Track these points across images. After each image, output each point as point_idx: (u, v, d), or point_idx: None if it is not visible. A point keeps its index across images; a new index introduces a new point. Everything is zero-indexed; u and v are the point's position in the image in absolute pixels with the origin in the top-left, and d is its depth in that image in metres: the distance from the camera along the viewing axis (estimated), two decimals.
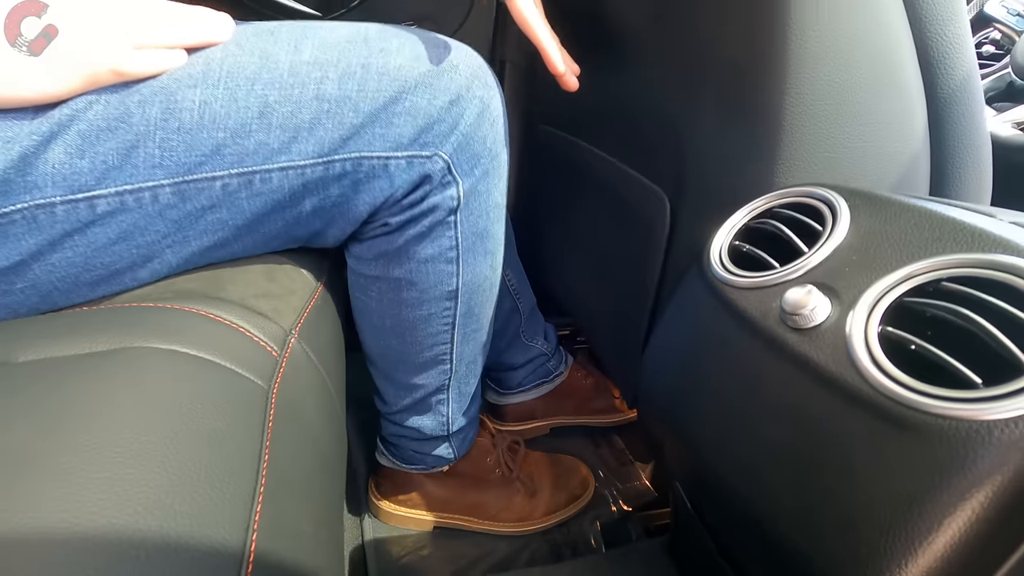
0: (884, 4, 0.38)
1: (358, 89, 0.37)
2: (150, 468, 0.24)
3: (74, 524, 0.21)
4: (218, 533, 0.23)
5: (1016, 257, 0.22)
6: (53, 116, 0.31)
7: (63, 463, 0.23)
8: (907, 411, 0.22)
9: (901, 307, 0.25)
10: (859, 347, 0.24)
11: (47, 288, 0.35)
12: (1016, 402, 0.20)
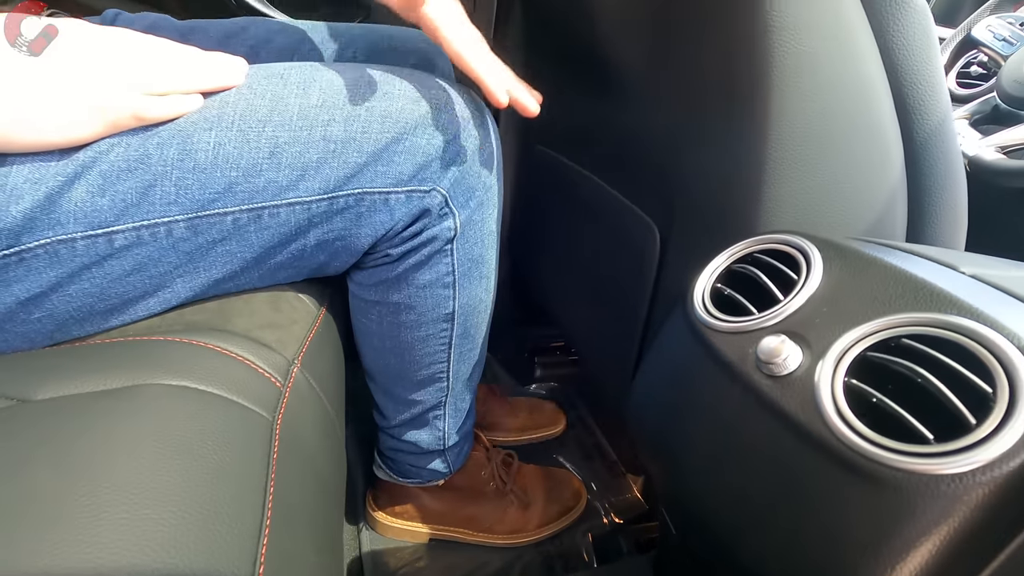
0: (861, 55, 0.39)
1: (362, 131, 0.38)
2: (164, 507, 0.26)
3: (97, 563, 0.22)
4: (228, 568, 0.25)
5: (966, 319, 0.24)
6: (77, 158, 0.33)
7: (84, 504, 0.25)
8: (865, 462, 0.24)
9: (866, 360, 0.27)
10: (826, 398, 0.26)
11: (64, 318, 0.37)
12: (962, 459, 0.22)
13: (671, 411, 0.36)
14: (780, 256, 0.34)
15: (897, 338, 0.26)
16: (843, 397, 0.26)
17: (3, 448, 0.28)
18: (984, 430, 0.22)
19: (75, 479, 0.26)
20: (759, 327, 0.31)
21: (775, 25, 0.37)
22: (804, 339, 0.29)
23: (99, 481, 0.26)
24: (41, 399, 0.31)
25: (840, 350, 0.27)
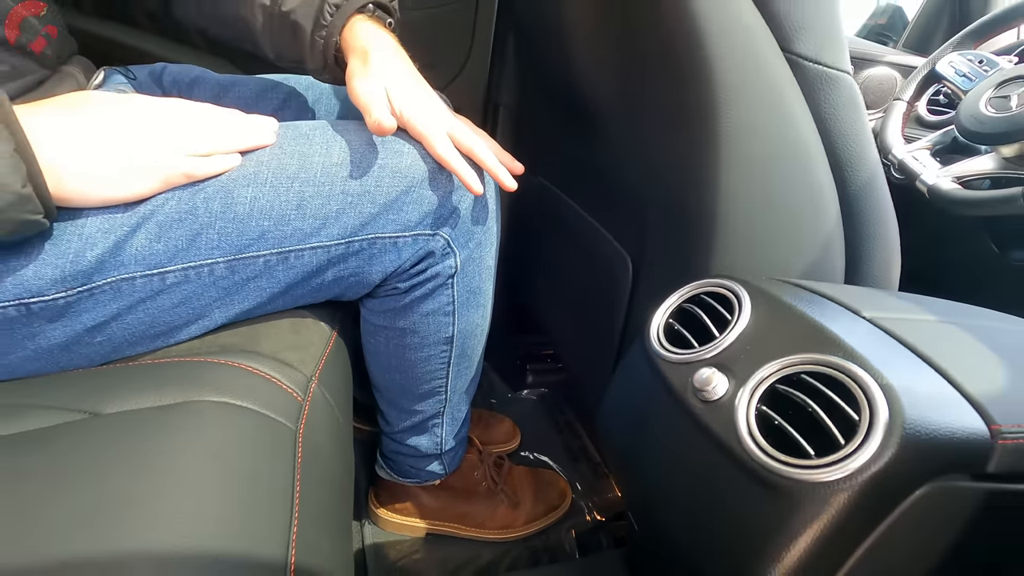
0: (798, 124, 0.46)
1: (375, 185, 0.45)
2: (215, 504, 0.33)
3: (164, 549, 0.29)
4: (267, 552, 0.32)
5: (845, 360, 0.31)
6: (138, 211, 0.40)
7: (151, 502, 0.32)
8: (766, 472, 0.31)
9: (775, 390, 0.34)
10: (741, 421, 0.33)
11: (119, 341, 0.44)
12: (832, 470, 0.29)
13: (631, 427, 0.43)
14: (720, 298, 0.41)
15: (797, 374, 0.33)
16: (755, 420, 0.33)
17: (84, 455, 0.35)
18: (849, 448, 0.29)
19: (142, 481, 0.33)
20: (698, 359, 0.38)
21: (723, 101, 0.44)
22: (731, 370, 0.36)
23: (162, 483, 0.33)
24: (109, 413, 0.38)
25: (756, 382, 0.34)
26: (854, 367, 0.31)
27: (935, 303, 0.45)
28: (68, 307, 0.40)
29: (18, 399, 0.40)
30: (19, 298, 0.38)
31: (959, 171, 0.91)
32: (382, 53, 0.48)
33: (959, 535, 0.31)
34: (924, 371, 0.33)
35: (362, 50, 0.48)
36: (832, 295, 0.40)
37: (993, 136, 0.87)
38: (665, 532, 0.42)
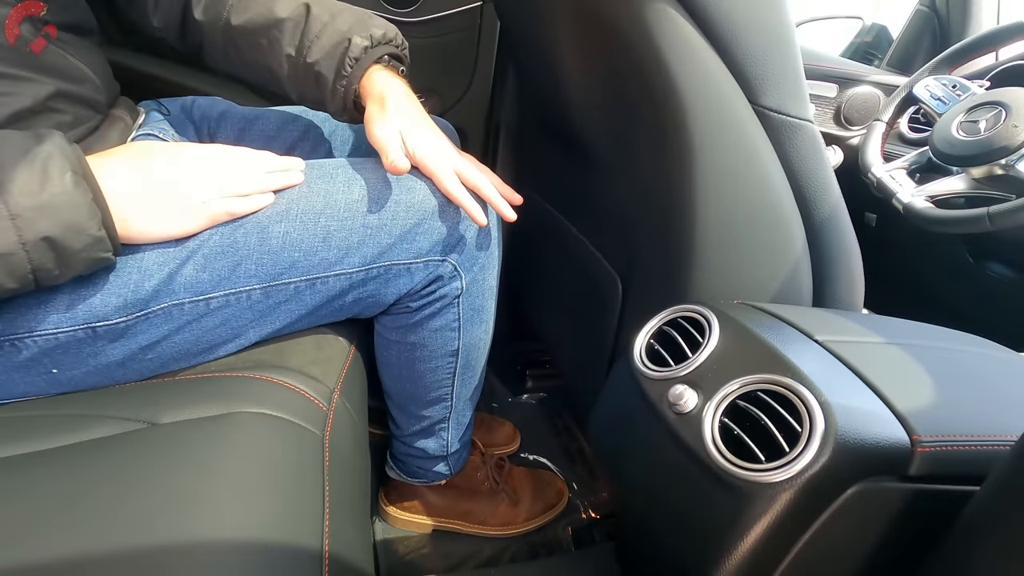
0: (766, 166, 0.52)
1: (391, 218, 0.51)
2: (260, 501, 0.39)
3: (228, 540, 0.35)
4: (307, 541, 0.38)
5: (792, 380, 0.37)
6: (188, 245, 0.46)
7: (206, 500, 0.37)
8: (725, 475, 0.37)
9: (736, 404, 0.40)
10: (707, 431, 0.39)
11: (167, 358, 0.50)
12: (777, 472, 0.35)
13: (617, 434, 0.49)
14: (693, 321, 0.47)
15: (754, 391, 0.39)
16: (718, 431, 0.39)
17: (148, 461, 0.41)
18: (792, 454, 0.35)
19: (201, 483, 0.39)
20: (672, 376, 0.44)
21: (699, 147, 0.50)
22: (700, 387, 0.42)
23: (216, 485, 0.39)
24: (165, 423, 0.44)
25: (720, 397, 0.40)
26: (799, 387, 0.37)
27: (885, 324, 0.51)
28: (127, 329, 0.46)
29: (82, 410, 0.46)
30: (87, 322, 0.44)
31: (933, 190, 0.97)
32: (397, 99, 0.54)
33: (886, 528, 0.37)
34: (859, 389, 0.39)
35: (379, 96, 0.54)
36: (791, 319, 0.46)
37: (963, 158, 0.92)
38: (646, 525, 0.48)
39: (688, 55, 0.47)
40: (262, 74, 0.60)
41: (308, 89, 0.58)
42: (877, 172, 1.06)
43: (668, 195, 0.54)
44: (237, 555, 0.35)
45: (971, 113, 0.96)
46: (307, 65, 0.56)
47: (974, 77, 1.11)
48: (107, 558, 0.34)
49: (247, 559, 0.35)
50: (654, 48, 0.47)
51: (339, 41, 0.55)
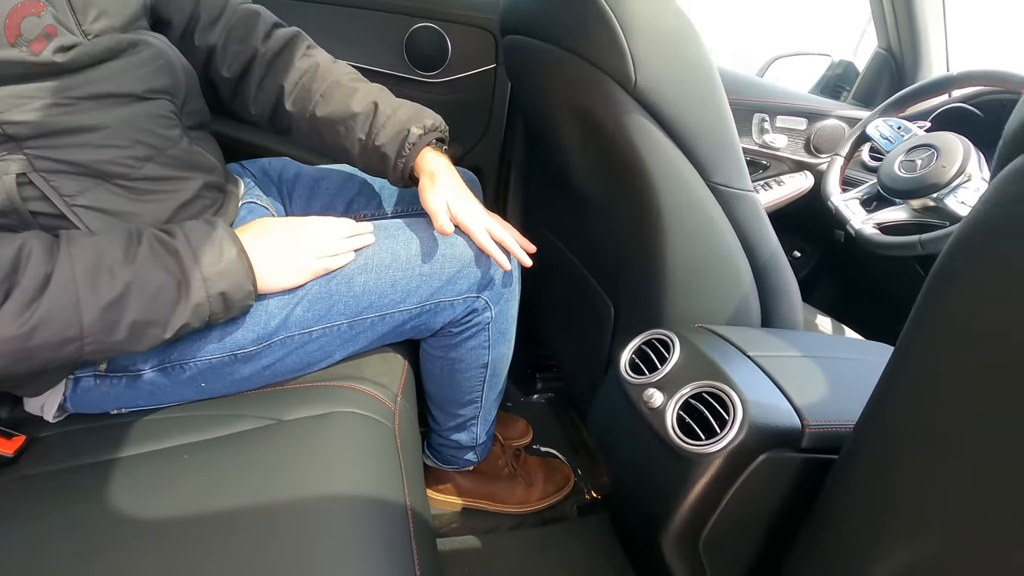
0: (717, 225, 0.70)
1: (440, 267, 0.69)
2: (367, 477, 0.57)
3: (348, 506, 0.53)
4: (395, 499, 0.56)
5: (725, 384, 0.55)
6: (298, 293, 0.64)
7: (333, 478, 0.55)
8: (680, 450, 0.55)
9: (687, 401, 0.58)
10: (668, 420, 0.57)
11: (279, 373, 0.68)
12: (712, 446, 0.53)
13: (609, 423, 0.67)
14: (663, 342, 0.65)
15: (700, 392, 0.57)
16: (675, 420, 0.57)
17: (282, 447, 0.59)
18: (721, 435, 0.53)
19: (317, 462, 0.57)
20: (647, 382, 0.62)
21: (666, 211, 0.68)
22: (665, 389, 0.60)
23: (332, 464, 0.57)
24: (287, 420, 0.63)
25: (678, 397, 0.58)
26: (728, 389, 0.55)
27: (803, 339, 0.69)
28: (256, 355, 0.64)
29: (224, 411, 0.65)
30: (231, 351, 0.63)
31: (879, 218, 1.15)
32: (443, 175, 0.72)
33: (786, 483, 0.55)
34: (770, 390, 0.56)
35: (430, 172, 0.72)
36: (732, 339, 0.64)
37: (903, 192, 1.10)
38: (628, 489, 0.66)
39: (655, 148, 0.65)
40: (337, 151, 0.77)
41: (374, 164, 0.75)
42: (835, 201, 1.25)
43: (645, 246, 0.72)
44: (351, 508, 0.53)
45: (910, 153, 1.13)
46: (375, 147, 0.73)
47: (918, 118, 1.28)
48: (259, 509, 0.52)
49: (359, 511, 0.53)
50: (631, 143, 0.65)
51: (400, 130, 0.72)
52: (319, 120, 0.75)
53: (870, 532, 0.44)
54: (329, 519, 0.51)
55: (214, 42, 0.73)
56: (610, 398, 0.68)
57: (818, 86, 1.71)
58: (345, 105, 0.74)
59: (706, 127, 0.66)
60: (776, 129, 1.48)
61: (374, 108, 0.73)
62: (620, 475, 0.70)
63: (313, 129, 0.77)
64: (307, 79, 0.75)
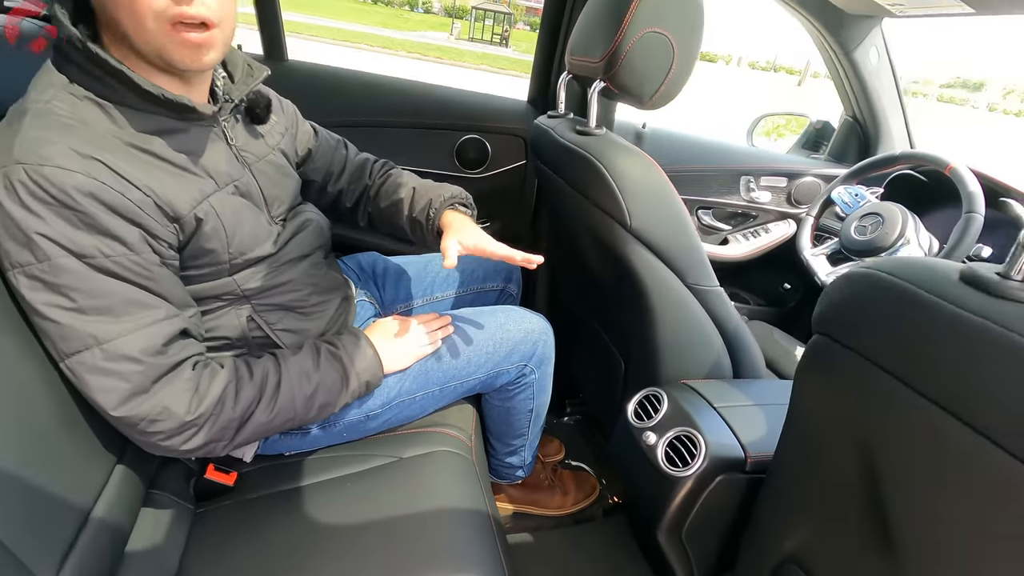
0: (694, 310, 0.99)
1: (499, 346, 1.00)
2: (464, 497, 0.88)
3: (454, 519, 0.84)
4: (484, 510, 0.87)
5: (693, 430, 0.85)
6: (405, 373, 0.95)
7: (443, 499, 0.86)
8: (666, 474, 0.84)
9: (671, 440, 0.87)
10: (659, 454, 0.86)
11: (392, 423, 0.99)
12: (686, 472, 0.82)
13: (621, 455, 0.97)
14: (656, 396, 0.95)
15: (679, 434, 0.87)
16: (663, 453, 0.87)
17: (407, 479, 0.90)
18: (692, 464, 0.82)
19: (430, 486, 0.88)
20: (645, 426, 0.92)
21: (656, 303, 0.97)
22: (657, 431, 0.90)
23: (440, 490, 0.88)
24: (406, 457, 0.94)
25: (666, 437, 0.88)
26: (697, 433, 0.84)
27: (759, 389, 0.97)
28: (380, 413, 0.96)
29: (360, 451, 0.96)
30: (365, 413, 0.94)
31: (841, 272, 1.42)
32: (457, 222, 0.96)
33: (736, 496, 0.84)
34: (726, 431, 0.85)
35: (448, 224, 0.99)
36: (703, 393, 0.93)
37: (858, 252, 1.37)
38: (635, 500, 0.96)
39: (646, 263, 0.95)
40: (397, 230, 1.06)
41: (417, 233, 1.02)
42: (806, 255, 1.52)
43: (643, 324, 1.01)
44: (459, 516, 0.84)
45: (863, 219, 1.41)
46: (414, 219, 1.02)
47: (874, 182, 1.55)
48: (402, 519, 0.82)
49: (464, 518, 0.84)
50: (628, 260, 0.95)
51: (427, 202, 1.01)
52: (382, 211, 1.06)
53: (777, 522, 0.73)
54: (447, 524, 0.82)
55: (341, 188, 1.05)
56: (621, 436, 0.98)
57: (800, 140, 1.97)
58: (396, 196, 1.04)
59: (680, 248, 0.95)
60: (760, 187, 1.76)
61: (412, 192, 1.04)
62: (630, 488, 0.99)
63: (382, 218, 1.07)
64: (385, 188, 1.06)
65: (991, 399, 0.39)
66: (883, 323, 0.48)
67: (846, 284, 0.54)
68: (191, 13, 0.62)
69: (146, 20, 0.61)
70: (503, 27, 24.52)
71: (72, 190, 0.59)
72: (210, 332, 0.80)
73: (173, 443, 0.70)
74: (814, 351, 0.59)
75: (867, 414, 0.52)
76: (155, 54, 0.64)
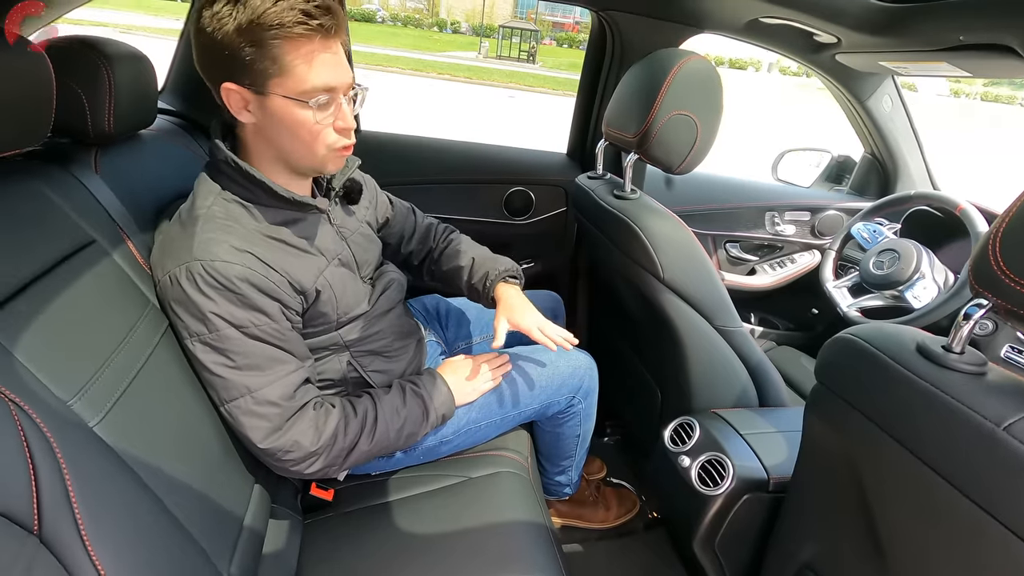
0: (720, 346, 1.13)
1: (551, 381, 1.16)
2: (524, 512, 1.04)
3: (513, 521, 1.00)
4: (543, 523, 1.03)
5: (722, 454, 0.99)
6: (473, 404, 1.12)
7: (506, 515, 1.03)
8: (699, 492, 0.98)
9: (703, 463, 1.01)
10: (693, 474, 1.01)
11: (460, 447, 1.16)
12: (718, 491, 0.96)
13: (659, 476, 1.12)
14: (690, 424, 1.09)
15: (710, 459, 1.01)
16: (696, 474, 1.01)
17: (474, 497, 1.06)
18: (722, 484, 0.96)
19: (497, 503, 1.04)
20: (681, 451, 1.06)
21: (687, 340, 1.12)
22: (691, 455, 1.04)
23: (503, 503, 1.04)
24: (474, 477, 1.10)
25: (699, 460, 1.02)
26: (725, 457, 0.98)
27: (781, 417, 1.11)
28: (452, 439, 1.13)
29: (433, 472, 1.13)
30: (439, 439, 1.11)
31: (862, 304, 1.54)
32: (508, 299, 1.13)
33: (761, 513, 0.97)
34: (751, 456, 0.99)
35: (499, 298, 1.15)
36: (731, 421, 1.07)
37: (877, 285, 1.49)
38: (673, 514, 1.10)
39: (677, 309, 1.10)
40: (455, 290, 1.25)
41: (473, 296, 1.21)
42: (828, 287, 1.64)
43: (675, 360, 1.16)
44: (524, 530, 0.99)
45: (880, 255, 1.52)
46: (471, 283, 1.20)
47: (893, 218, 1.66)
48: (476, 531, 0.99)
49: (528, 532, 0.99)
50: (661, 306, 1.10)
51: (485, 273, 1.18)
52: (445, 273, 1.23)
53: (795, 535, 0.87)
54: (513, 535, 0.98)
55: (411, 249, 1.24)
56: (659, 458, 1.13)
57: (823, 174, 2.08)
58: (458, 263, 1.21)
59: (707, 294, 1.10)
60: (785, 222, 1.88)
61: (471, 262, 1.20)
62: (668, 505, 1.14)
63: (444, 279, 1.25)
64: (448, 253, 1.23)
65: (938, 445, 0.53)
66: (859, 379, 0.62)
67: (835, 346, 0.68)
68: (351, 143, 0.84)
69: (319, 150, 0.83)
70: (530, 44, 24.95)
71: (234, 278, 0.79)
72: (319, 375, 0.99)
73: (300, 468, 0.88)
74: (815, 396, 0.73)
75: (854, 448, 0.66)
76: (310, 167, 0.86)
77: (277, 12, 0.71)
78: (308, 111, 0.79)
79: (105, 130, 0.87)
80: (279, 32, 0.73)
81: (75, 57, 0.84)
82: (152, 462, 0.68)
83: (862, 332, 0.65)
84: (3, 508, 0.48)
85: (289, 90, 0.77)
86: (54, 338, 0.65)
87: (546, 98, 14.63)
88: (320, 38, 0.76)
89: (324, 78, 0.77)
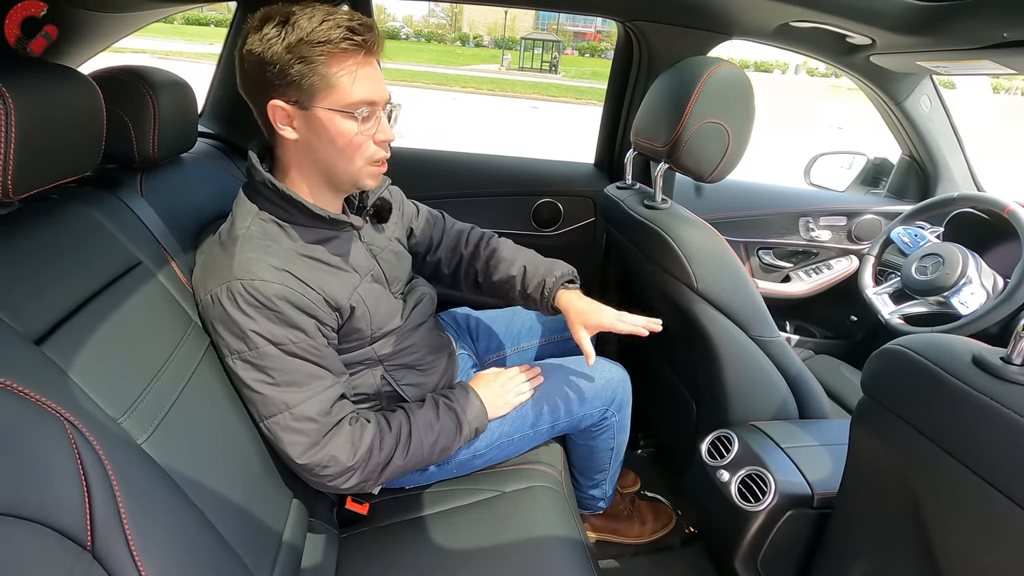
0: (758, 358, 1.11)
1: (583, 393, 1.15)
2: (558, 526, 1.02)
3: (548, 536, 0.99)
4: (577, 537, 1.01)
5: (763, 468, 0.96)
6: (505, 417, 1.11)
7: (539, 529, 1.01)
8: (740, 508, 0.95)
9: (743, 478, 0.99)
10: (732, 489, 0.98)
11: (494, 461, 1.16)
12: (759, 507, 0.93)
13: (697, 490, 1.09)
14: (727, 437, 1.07)
15: (750, 473, 0.98)
16: (736, 489, 0.98)
17: (509, 511, 1.06)
18: (764, 500, 0.94)
19: (531, 517, 1.03)
20: (719, 465, 1.04)
21: (723, 352, 1.10)
22: (730, 470, 1.01)
23: (536, 517, 1.03)
24: (507, 491, 1.10)
25: (738, 475, 0.99)
26: (767, 472, 0.96)
27: (823, 430, 1.07)
28: (485, 453, 1.12)
29: (466, 486, 1.13)
30: (472, 452, 1.11)
31: (904, 311, 1.49)
32: (576, 307, 1.14)
33: (806, 529, 0.94)
34: (793, 471, 0.96)
35: (565, 308, 1.15)
36: (770, 434, 1.04)
37: (920, 291, 1.44)
38: (711, 531, 1.07)
39: (712, 319, 1.08)
40: (505, 300, 1.24)
41: (530, 305, 1.21)
42: (868, 294, 1.59)
43: (710, 371, 1.14)
44: (559, 543, 0.98)
45: (923, 260, 1.47)
46: (527, 293, 1.18)
47: (935, 221, 1.60)
48: (510, 545, 0.98)
49: (563, 545, 0.98)
50: (696, 317, 1.08)
51: (541, 281, 1.17)
52: (494, 283, 1.21)
53: (845, 554, 0.83)
54: (549, 550, 0.97)
55: (440, 257, 1.24)
56: (696, 473, 1.11)
57: (859, 177, 2.03)
58: (508, 273, 1.19)
59: (741, 304, 1.07)
60: (820, 227, 1.84)
61: (524, 270, 1.19)
62: (706, 520, 1.11)
63: (493, 290, 1.24)
64: (492, 263, 1.22)
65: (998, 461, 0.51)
66: (911, 393, 0.60)
67: (884, 357, 0.66)
68: (387, 156, 0.87)
69: (358, 162, 0.86)
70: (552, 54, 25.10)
71: (273, 296, 0.80)
72: (354, 390, 1.00)
73: (337, 483, 0.89)
74: (862, 409, 0.71)
75: (907, 463, 0.63)
76: (349, 181, 0.88)
77: (324, 30, 0.76)
78: (352, 122, 0.82)
79: (150, 155, 0.90)
80: (326, 48, 0.77)
81: (121, 86, 0.88)
82: (196, 478, 0.70)
83: (913, 343, 0.63)
84: (58, 524, 0.49)
85: (335, 103, 0.81)
86: (104, 357, 0.67)
87: (570, 107, 14.67)
88: (363, 54, 0.80)
89: (366, 92, 0.82)
